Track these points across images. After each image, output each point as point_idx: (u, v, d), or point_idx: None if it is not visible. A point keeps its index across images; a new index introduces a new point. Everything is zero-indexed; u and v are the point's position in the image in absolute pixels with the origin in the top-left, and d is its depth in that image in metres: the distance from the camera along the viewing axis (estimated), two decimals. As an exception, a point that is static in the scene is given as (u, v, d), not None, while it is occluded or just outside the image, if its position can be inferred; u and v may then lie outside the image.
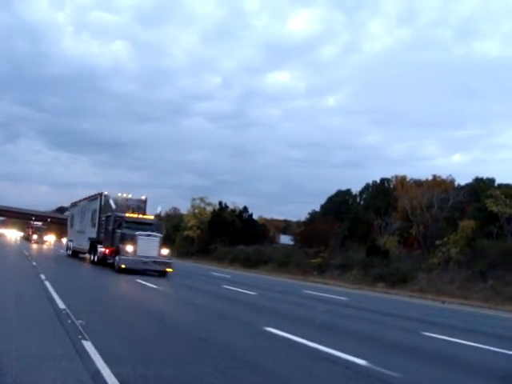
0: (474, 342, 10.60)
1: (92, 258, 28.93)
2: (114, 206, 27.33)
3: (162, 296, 15.94)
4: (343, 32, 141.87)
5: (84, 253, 32.58)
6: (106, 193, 29.23)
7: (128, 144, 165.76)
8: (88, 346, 6.56)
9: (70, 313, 9.19)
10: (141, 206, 29.79)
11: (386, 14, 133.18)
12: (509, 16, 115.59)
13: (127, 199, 29.84)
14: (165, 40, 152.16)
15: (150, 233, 24.24)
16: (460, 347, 10.15)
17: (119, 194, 29.81)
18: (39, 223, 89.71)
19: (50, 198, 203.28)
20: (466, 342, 10.61)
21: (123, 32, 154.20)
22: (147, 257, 23.33)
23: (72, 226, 38.50)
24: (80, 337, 7.10)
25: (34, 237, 79.58)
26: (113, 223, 25.70)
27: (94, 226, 29.46)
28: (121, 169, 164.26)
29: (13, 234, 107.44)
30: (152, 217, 28.55)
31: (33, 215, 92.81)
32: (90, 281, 20.68)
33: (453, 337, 11.04)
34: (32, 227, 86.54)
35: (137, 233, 23.70)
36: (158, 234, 24.73)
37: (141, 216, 27.17)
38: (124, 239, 24.11)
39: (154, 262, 23.68)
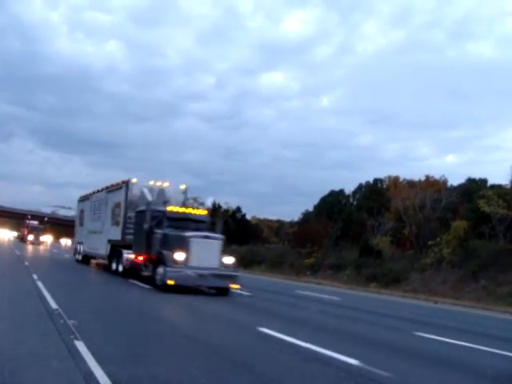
0: (466, 342, 10.65)
1: (114, 266, 22.22)
2: (150, 198, 19.66)
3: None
4: (337, 33, 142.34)
5: (101, 259, 26.41)
6: (134, 180, 22.10)
7: (121, 144, 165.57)
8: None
9: None
10: (179, 199, 22.66)
11: (380, 15, 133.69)
12: (502, 18, 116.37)
13: (162, 188, 22.46)
14: (159, 40, 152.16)
15: (206, 234, 17.40)
16: (452, 347, 10.20)
17: (151, 182, 22.45)
18: (35, 222, 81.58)
19: (42, 198, 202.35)
20: (458, 342, 10.66)
21: (117, 32, 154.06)
22: (205, 268, 16.35)
23: (82, 224, 31.14)
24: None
25: (30, 237, 73.29)
26: (150, 220, 18.20)
27: (116, 224, 22.83)
28: (114, 169, 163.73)
29: (5, 234, 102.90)
30: (204, 212, 20.18)
31: (26, 214, 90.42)
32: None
33: (445, 337, 11.09)
34: (27, 226, 79.35)
35: (188, 234, 16.76)
36: (218, 236, 17.64)
37: (190, 211, 19.61)
38: (169, 243, 17.05)
39: (214, 275, 16.62)
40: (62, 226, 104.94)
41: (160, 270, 16.49)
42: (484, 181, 47.67)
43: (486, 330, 14.94)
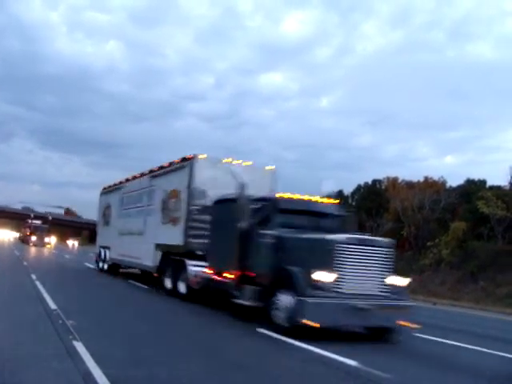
0: (465, 343, 10.65)
1: (170, 284, 15.28)
2: (242, 180, 12.11)
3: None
4: (337, 33, 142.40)
5: (141, 270, 19.15)
6: (202, 156, 14.94)
7: (121, 144, 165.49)
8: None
9: None
10: (264, 186, 14.53)
11: (380, 15, 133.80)
12: (502, 19, 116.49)
13: (241, 171, 14.34)
14: (158, 40, 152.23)
15: (367, 237, 10.53)
16: (450, 348, 10.20)
17: (227, 160, 15.24)
18: (38, 222, 73.59)
19: (41, 197, 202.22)
20: (456, 343, 10.65)
21: (116, 32, 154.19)
22: (364, 296, 9.45)
23: (108, 223, 24.17)
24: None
25: (33, 238, 64.78)
26: (248, 215, 11.25)
27: (171, 221, 15.87)
28: (113, 169, 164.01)
29: (6, 235, 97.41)
30: (335, 201, 12.86)
31: (27, 215, 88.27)
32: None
33: (443, 338, 11.08)
34: (30, 226, 71.13)
35: (334, 237, 9.54)
36: (387, 241, 10.41)
37: (316, 199, 12.29)
38: (293, 252, 10.02)
39: (381, 306, 9.56)
40: (65, 226, 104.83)
41: (285, 299, 9.44)
42: (483, 182, 47.62)
43: (485, 330, 14.95)
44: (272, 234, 10.64)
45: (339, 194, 58.72)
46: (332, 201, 12.76)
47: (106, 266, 23.30)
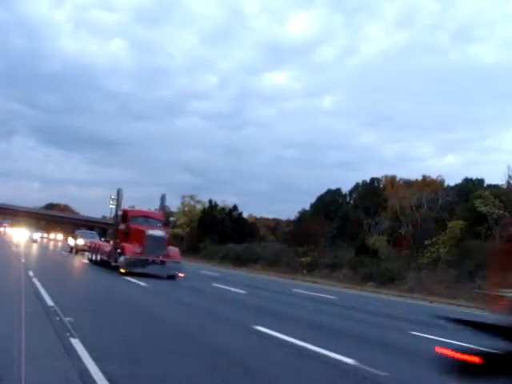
0: (461, 342, 10.67)
1: None
2: None
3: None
4: (341, 34, 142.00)
5: None
6: None
7: (122, 142, 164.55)
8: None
9: None
10: None
11: (385, 16, 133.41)
12: (505, 22, 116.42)
13: None
14: (163, 39, 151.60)
15: None
16: (447, 346, 10.20)
17: None
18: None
19: (41, 194, 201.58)
20: (453, 341, 10.67)
21: (122, 31, 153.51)
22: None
23: None
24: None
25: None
26: None
27: None
28: (114, 167, 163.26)
29: (21, 235, 68.24)
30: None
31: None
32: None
33: (440, 336, 11.11)
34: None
35: None
36: None
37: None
38: None
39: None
40: (62, 223, 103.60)
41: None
42: (481, 181, 47.77)
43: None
44: None
45: (337, 192, 58.85)
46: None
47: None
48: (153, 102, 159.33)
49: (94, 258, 26.74)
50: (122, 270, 20.40)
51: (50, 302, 10.19)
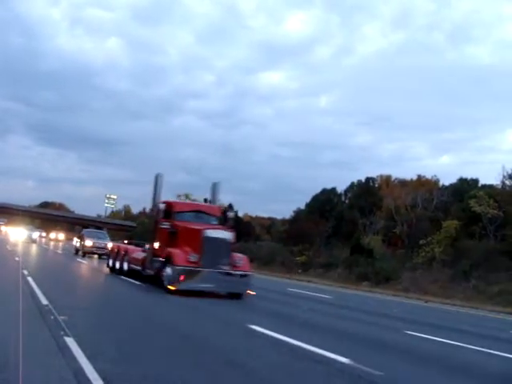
0: (456, 341, 10.71)
1: None
2: None
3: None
4: (338, 34, 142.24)
5: None
6: None
7: (118, 141, 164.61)
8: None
9: None
10: None
11: (381, 16, 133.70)
12: (501, 23, 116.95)
13: None
14: (159, 38, 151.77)
15: None
16: (442, 345, 10.24)
17: None
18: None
19: (35, 193, 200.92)
20: (447, 341, 10.71)
21: (118, 29, 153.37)
22: None
23: None
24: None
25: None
26: None
27: None
28: (109, 166, 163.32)
29: (18, 234, 60.72)
30: None
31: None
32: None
33: (435, 335, 11.14)
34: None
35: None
36: None
37: None
38: None
39: None
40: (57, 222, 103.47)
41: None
42: (475, 181, 47.89)
43: (476, 329, 15.03)
44: None
45: (332, 191, 58.84)
46: None
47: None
48: (149, 100, 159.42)
49: (118, 265, 20.26)
50: (171, 287, 14.48)
51: (44, 301, 10.11)
